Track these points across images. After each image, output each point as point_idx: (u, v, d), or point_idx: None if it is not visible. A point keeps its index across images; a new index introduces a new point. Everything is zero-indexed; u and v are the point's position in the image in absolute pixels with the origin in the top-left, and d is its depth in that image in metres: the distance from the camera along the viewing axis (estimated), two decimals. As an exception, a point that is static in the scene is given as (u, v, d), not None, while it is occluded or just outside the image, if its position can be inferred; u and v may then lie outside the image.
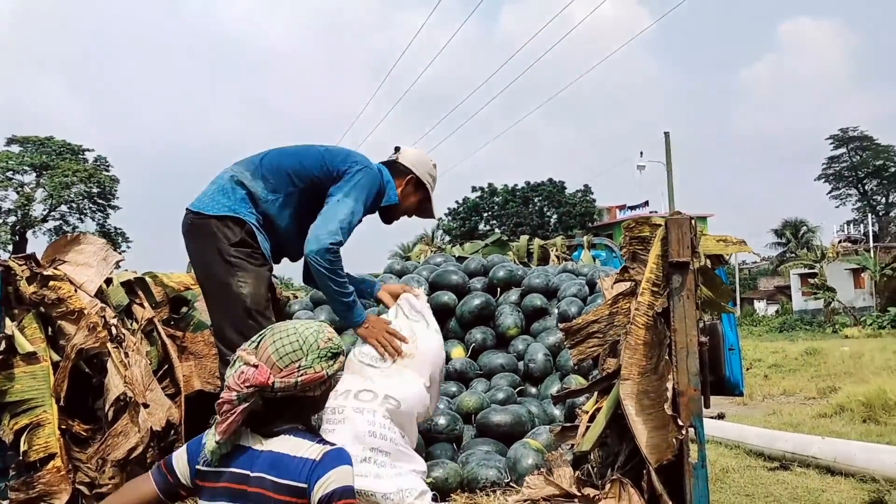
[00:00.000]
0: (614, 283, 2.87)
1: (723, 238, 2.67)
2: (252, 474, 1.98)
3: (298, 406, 2.08)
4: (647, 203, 51.92)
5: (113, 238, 50.22)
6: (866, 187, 64.65)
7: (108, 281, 3.51)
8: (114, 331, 3.11)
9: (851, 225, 59.98)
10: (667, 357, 2.27)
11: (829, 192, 66.48)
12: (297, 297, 5.77)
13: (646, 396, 2.40)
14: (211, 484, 2.02)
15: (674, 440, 2.21)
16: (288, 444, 2.02)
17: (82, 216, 50.68)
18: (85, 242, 3.36)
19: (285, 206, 3.29)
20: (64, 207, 49.32)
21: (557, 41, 54.45)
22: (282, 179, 3.28)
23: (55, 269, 3.25)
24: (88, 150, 50.55)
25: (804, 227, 47.30)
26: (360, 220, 3.27)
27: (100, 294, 3.31)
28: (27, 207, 47.35)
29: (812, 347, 21.54)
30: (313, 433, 2.12)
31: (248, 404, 1.97)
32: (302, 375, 2.00)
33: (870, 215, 57.51)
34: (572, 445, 3.11)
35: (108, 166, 51.13)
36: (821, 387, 14.36)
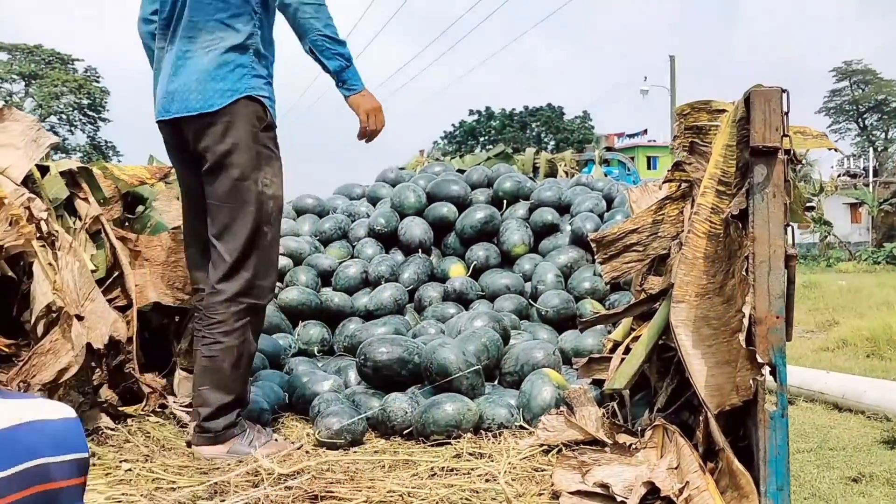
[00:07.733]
0: (663, 182, 2.32)
1: (800, 129, 2.10)
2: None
3: None
4: (645, 131, 51.45)
5: (104, 151, 49.76)
6: (866, 122, 63.79)
7: (45, 170, 2.91)
8: (43, 227, 2.49)
9: (850, 159, 59.34)
10: (744, 273, 1.73)
11: (829, 125, 65.55)
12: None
13: (706, 324, 1.88)
14: None
15: (748, 381, 1.70)
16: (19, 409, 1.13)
17: (72, 128, 50.08)
18: (9, 119, 2.66)
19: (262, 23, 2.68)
20: (54, 118, 48.52)
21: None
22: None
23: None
24: (78, 59, 49.76)
25: (803, 161, 46.54)
26: None
27: (30, 183, 2.71)
28: (16, 117, 46.50)
29: (809, 280, 21.21)
30: None
31: None
32: None
33: (870, 150, 56.90)
34: (595, 381, 2.62)
35: (98, 77, 50.34)
36: (819, 320, 14.04)
